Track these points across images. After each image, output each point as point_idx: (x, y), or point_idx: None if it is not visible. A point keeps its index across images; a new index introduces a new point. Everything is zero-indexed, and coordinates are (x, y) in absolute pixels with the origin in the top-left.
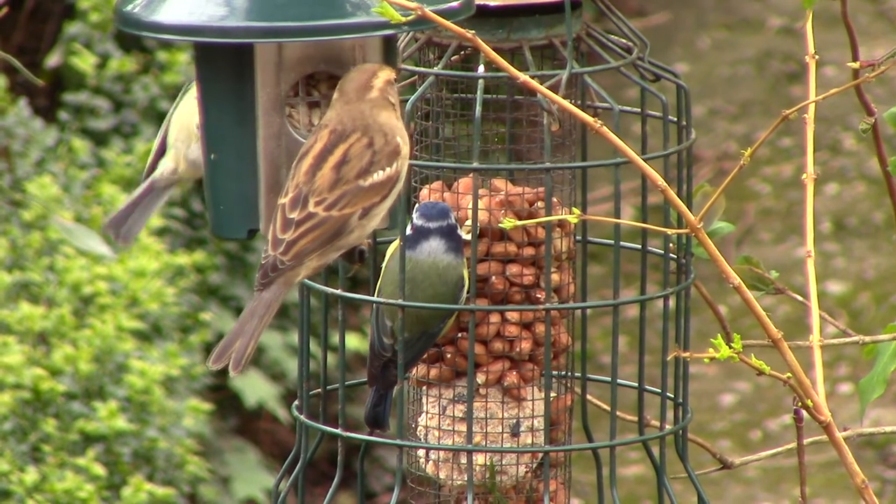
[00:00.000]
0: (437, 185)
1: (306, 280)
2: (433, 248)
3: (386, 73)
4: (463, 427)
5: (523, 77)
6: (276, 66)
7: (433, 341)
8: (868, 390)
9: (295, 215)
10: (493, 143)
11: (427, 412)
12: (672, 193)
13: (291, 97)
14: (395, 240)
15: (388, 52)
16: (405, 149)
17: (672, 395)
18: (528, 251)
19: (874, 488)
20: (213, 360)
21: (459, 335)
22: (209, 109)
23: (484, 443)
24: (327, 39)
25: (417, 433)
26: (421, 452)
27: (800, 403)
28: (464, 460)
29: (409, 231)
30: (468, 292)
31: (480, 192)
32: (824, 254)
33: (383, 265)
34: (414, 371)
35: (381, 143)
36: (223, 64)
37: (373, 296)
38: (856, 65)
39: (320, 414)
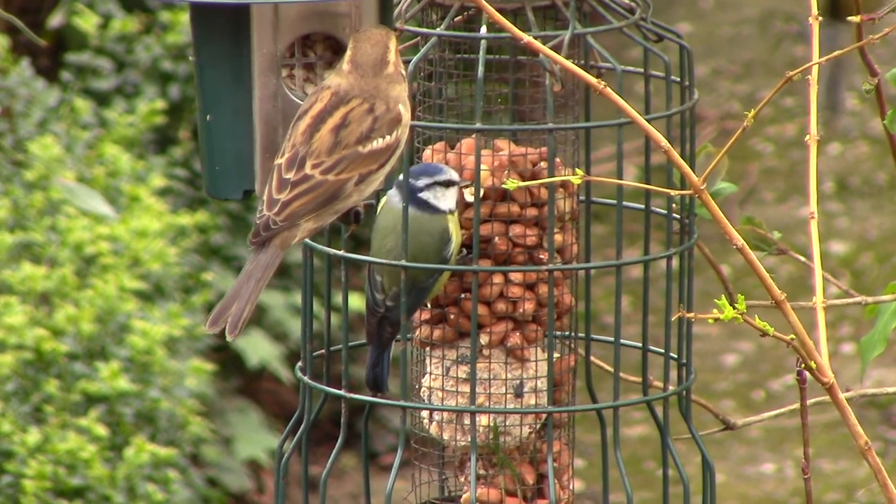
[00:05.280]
0: (439, 145)
1: (308, 240)
2: (394, 202)
3: (394, 42)
4: (466, 388)
5: (526, 38)
6: (272, 27)
7: (425, 296)
8: (869, 348)
9: (291, 175)
10: (496, 103)
11: (430, 373)
12: (675, 154)
13: (288, 58)
14: (382, 199)
15: (384, 13)
16: (406, 116)
17: (675, 356)
18: (531, 212)
19: (877, 448)
20: (209, 324)
21: (462, 296)
22: (205, 70)
23: (487, 404)
24: (323, 0)
25: (421, 394)
26: (425, 413)
27: (803, 365)
28: (467, 421)
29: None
30: (468, 253)
31: (483, 152)
32: (827, 214)
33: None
34: (417, 332)
35: (382, 110)
36: (220, 24)
37: (368, 268)
38: (857, 18)
39: (324, 375)
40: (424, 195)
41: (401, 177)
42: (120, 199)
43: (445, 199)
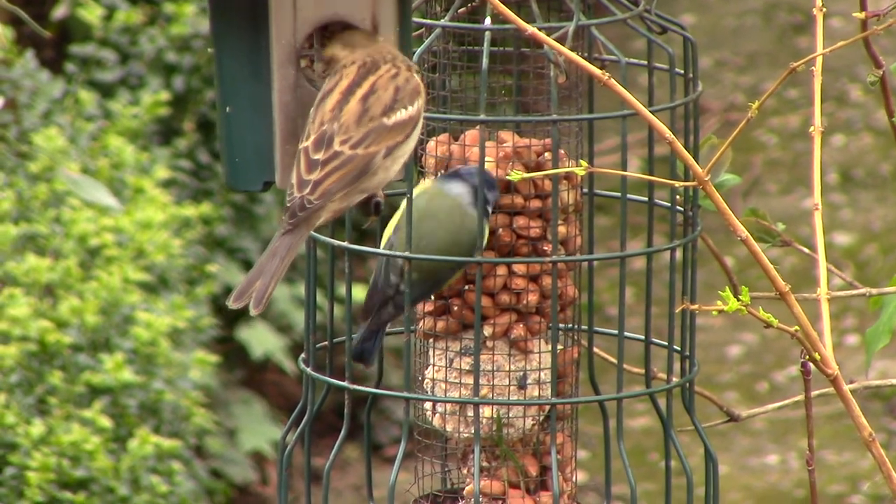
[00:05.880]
0: (443, 137)
1: (312, 232)
2: (460, 191)
3: None
4: (470, 380)
5: (531, 29)
6: (290, 18)
7: (439, 287)
8: (874, 340)
9: (320, 156)
10: (500, 95)
11: (434, 365)
12: (679, 146)
13: (306, 49)
14: (426, 181)
15: (402, 4)
16: (422, 86)
17: (679, 348)
18: (535, 203)
19: (881, 440)
20: (233, 299)
21: (466, 287)
22: (224, 62)
23: (491, 395)
24: None
25: (424, 386)
26: (428, 405)
27: (807, 356)
28: (471, 413)
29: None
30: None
31: (487, 144)
32: (831, 205)
33: (402, 205)
34: (421, 324)
35: (404, 79)
36: (238, 16)
37: (379, 246)
38: (861, 15)
39: (327, 366)
40: (490, 208)
41: (463, 166)
42: (124, 191)
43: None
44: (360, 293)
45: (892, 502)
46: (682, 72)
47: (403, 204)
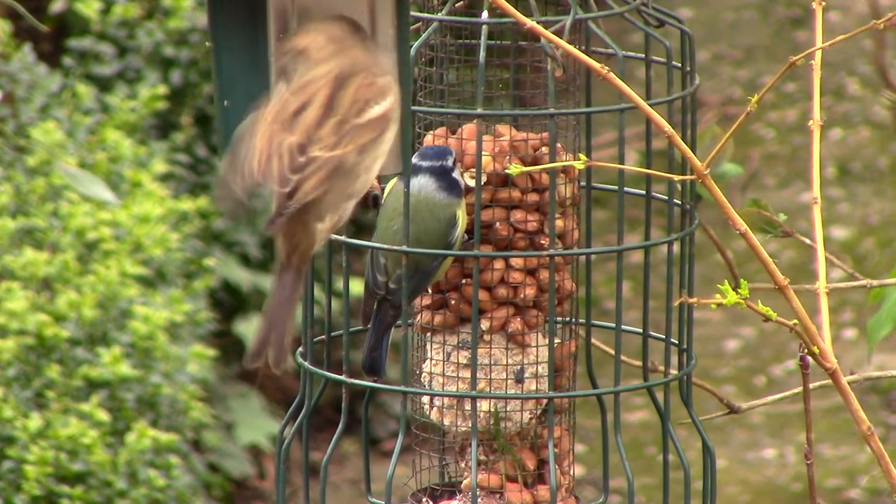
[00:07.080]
0: (440, 131)
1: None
2: (422, 184)
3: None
4: (467, 373)
5: (528, 23)
6: (288, 12)
7: (428, 279)
8: (876, 329)
9: (303, 159)
10: (497, 88)
11: (431, 359)
12: (678, 139)
13: None
14: (392, 178)
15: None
16: (396, 86)
17: (676, 341)
18: (533, 197)
19: (879, 434)
20: (251, 358)
21: (463, 281)
22: (222, 55)
23: (488, 389)
24: None
25: (422, 380)
26: (425, 399)
27: (806, 350)
28: (468, 407)
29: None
30: (470, 239)
31: (484, 138)
32: (828, 199)
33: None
34: (418, 317)
35: (373, 79)
36: (236, 10)
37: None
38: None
39: (324, 360)
40: (456, 174)
41: (414, 159)
42: (122, 185)
43: (463, 178)
44: (357, 287)
45: (889, 496)
46: (680, 65)
47: (382, 201)
